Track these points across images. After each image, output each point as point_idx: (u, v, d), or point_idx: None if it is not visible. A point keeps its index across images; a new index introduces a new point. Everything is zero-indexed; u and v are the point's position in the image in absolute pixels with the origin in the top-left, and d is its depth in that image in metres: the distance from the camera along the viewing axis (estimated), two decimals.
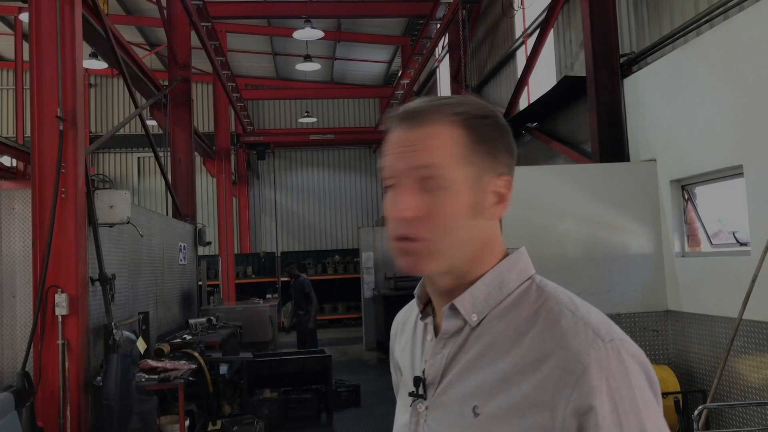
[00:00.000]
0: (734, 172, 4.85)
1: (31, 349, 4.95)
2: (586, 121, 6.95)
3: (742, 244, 4.95)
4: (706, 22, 5.14)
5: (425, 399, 1.00)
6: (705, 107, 5.05)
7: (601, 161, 6.25)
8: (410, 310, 1.18)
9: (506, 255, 1.01)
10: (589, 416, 0.85)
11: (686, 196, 5.60)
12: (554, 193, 5.58)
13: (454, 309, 0.98)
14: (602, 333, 0.90)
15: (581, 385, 0.86)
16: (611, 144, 6.31)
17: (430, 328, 1.05)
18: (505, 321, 0.96)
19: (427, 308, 1.08)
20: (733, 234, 5.10)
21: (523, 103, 9.24)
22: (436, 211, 0.95)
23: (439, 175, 0.95)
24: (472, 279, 0.99)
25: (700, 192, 5.56)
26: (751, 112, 4.55)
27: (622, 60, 6.38)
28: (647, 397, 0.87)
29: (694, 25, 5.28)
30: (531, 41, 8.96)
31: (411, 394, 1.02)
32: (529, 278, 1.00)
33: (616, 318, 5.34)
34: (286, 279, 12.37)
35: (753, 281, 4.22)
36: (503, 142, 1.01)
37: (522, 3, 9.74)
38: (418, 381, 1.02)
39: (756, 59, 4.48)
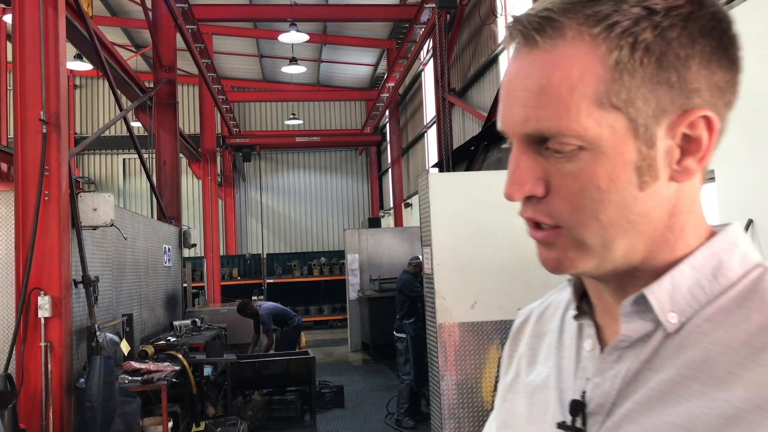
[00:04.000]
0: (706, 177, 4.96)
1: (14, 352, 4.98)
2: None
3: None
4: None
5: None
6: None
7: None
8: (549, 302, 0.85)
9: (712, 234, 0.69)
10: None
11: None
12: None
13: (642, 302, 0.65)
14: None
15: None
16: None
17: (591, 332, 0.72)
18: (726, 327, 0.62)
19: (583, 303, 0.75)
20: None
21: None
22: (569, 185, 0.63)
23: (563, 139, 0.62)
24: (661, 261, 0.66)
25: None
26: None
27: None
28: None
29: None
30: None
31: (562, 426, 0.71)
32: (756, 265, 0.66)
33: None
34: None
35: None
36: (700, 51, 0.62)
37: (504, 8, 9.86)
38: (576, 407, 0.69)
39: None
